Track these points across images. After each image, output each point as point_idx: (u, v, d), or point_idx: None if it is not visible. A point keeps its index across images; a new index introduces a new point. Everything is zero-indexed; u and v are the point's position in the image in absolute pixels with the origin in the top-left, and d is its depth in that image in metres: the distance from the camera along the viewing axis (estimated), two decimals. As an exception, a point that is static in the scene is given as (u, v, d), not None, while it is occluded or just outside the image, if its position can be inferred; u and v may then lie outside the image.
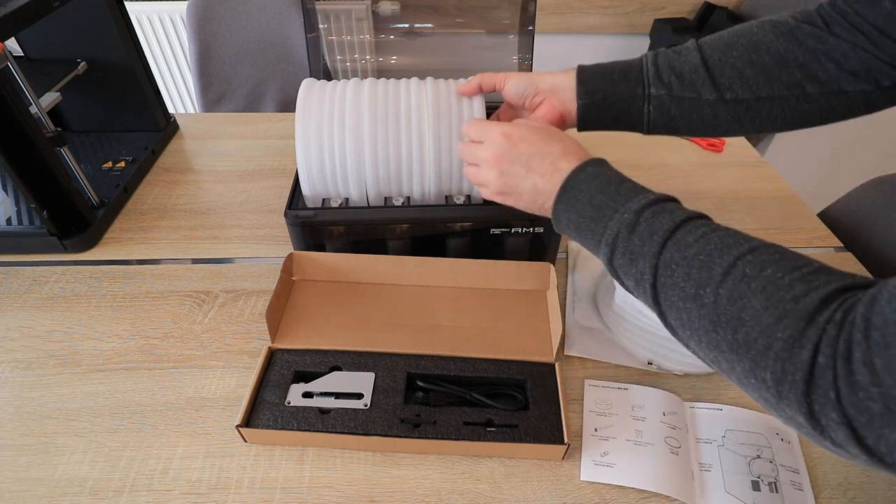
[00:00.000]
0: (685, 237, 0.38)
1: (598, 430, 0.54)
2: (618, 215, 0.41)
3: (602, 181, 0.44)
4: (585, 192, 0.44)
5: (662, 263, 0.38)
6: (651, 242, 0.39)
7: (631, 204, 0.41)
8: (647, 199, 0.41)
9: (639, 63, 0.54)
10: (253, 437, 0.52)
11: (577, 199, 0.45)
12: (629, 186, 0.44)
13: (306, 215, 0.62)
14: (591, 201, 0.44)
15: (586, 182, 0.45)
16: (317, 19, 0.77)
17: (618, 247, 0.41)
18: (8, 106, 0.62)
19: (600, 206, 0.43)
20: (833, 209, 0.86)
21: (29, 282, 0.70)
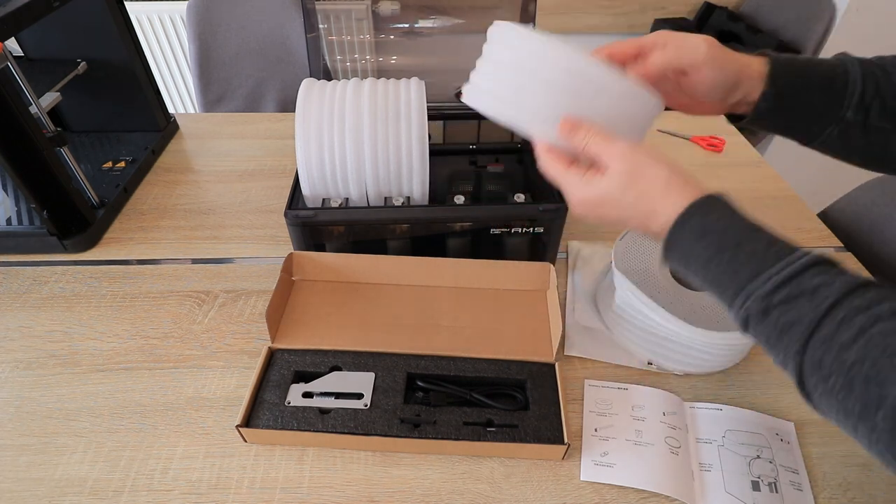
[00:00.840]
0: (836, 334, 0.31)
1: (598, 430, 0.54)
2: (740, 298, 0.35)
3: (712, 244, 0.37)
4: (696, 257, 0.38)
5: (810, 363, 0.32)
6: (791, 337, 0.33)
7: (755, 285, 0.34)
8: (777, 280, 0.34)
9: (844, 74, 0.44)
10: (253, 438, 0.52)
11: (690, 262, 0.39)
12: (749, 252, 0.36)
13: (306, 215, 0.62)
14: (706, 268, 0.37)
15: (694, 244, 0.38)
16: (317, 19, 0.77)
17: (749, 328, 0.36)
18: (8, 106, 0.62)
19: (716, 279, 0.37)
20: (833, 209, 0.86)
21: (29, 282, 0.70)
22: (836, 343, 0.31)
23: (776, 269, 0.34)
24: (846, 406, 0.30)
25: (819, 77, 0.45)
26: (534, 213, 0.63)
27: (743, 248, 0.36)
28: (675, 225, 0.38)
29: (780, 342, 0.34)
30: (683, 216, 0.38)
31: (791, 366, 0.33)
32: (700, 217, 0.38)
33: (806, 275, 0.33)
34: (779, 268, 0.34)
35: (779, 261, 0.35)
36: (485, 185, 0.80)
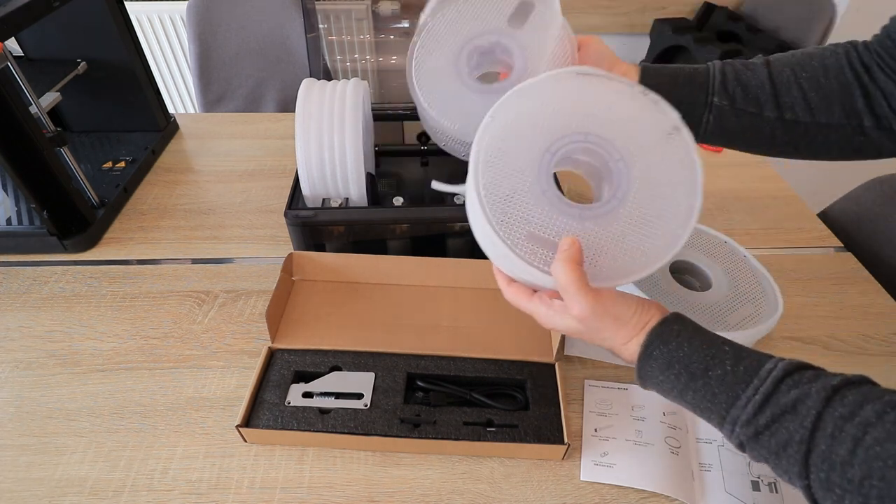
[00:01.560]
0: (833, 450, 0.30)
1: (598, 430, 0.54)
2: (727, 425, 0.35)
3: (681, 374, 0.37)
4: (670, 387, 0.38)
5: (818, 484, 0.31)
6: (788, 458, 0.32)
7: (736, 412, 0.35)
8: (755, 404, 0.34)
9: (705, 70, 0.52)
10: (253, 438, 0.52)
11: (666, 392, 0.39)
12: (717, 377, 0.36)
13: (306, 215, 0.62)
14: (682, 397, 0.38)
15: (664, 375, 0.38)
16: (317, 19, 0.77)
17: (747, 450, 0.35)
18: (8, 106, 0.62)
19: (697, 405, 0.37)
20: (833, 209, 0.86)
21: (29, 282, 0.70)
22: (837, 460, 0.30)
23: (751, 391, 0.34)
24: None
25: (683, 75, 0.51)
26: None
27: (713, 373, 0.36)
28: (641, 361, 0.39)
29: (780, 463, 0.33)
30: (645, 350, 0.39)
31: (800, 486, 0.32)
32: (661, 346, 0.38)
33: (781, 390, 0.34)
34: (753, 389, 0.34)
35: (750, 381, 0.35)
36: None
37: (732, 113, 0.51)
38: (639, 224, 0.40)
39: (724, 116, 0.51)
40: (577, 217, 0.40)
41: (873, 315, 0.67)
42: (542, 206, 0.40)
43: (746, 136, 0.52)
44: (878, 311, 0.67)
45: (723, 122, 0.51)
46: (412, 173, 0.83)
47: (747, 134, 0.52)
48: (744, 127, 0.51)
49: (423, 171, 0.82)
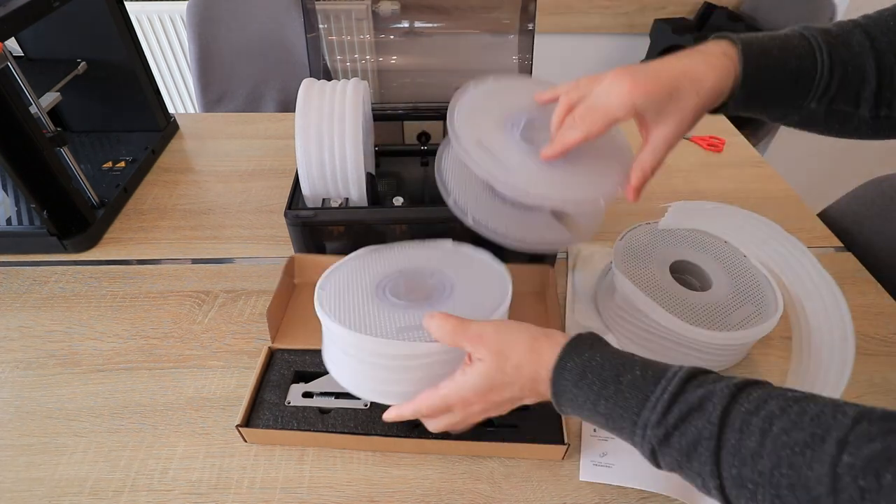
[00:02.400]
0: (742, 443, 0.30)
1: (597, 430, 0.54)
2: (638, 430, 0.35)
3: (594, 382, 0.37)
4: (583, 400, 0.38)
5: (731, 481, 0.31)
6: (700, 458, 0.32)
7: (647, 414, 0.34)
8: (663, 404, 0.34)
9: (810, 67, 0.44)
10: (253, 437, 0.52)
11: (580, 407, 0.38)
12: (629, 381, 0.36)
13: (306, 215, 0.62)
14: (595, 409, 0.37)
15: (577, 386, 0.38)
16: (317, 19, 0.77)
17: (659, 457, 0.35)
18: (8, 106, 0.62)
19: (609, 415, 0.37)
20: (833, 209, 0.86)
21: (29, 282, 0.70)
22: (747, 453, 0.30)
23: (658, 391, 0.34)
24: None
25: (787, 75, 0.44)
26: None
27: (623, 379, 0.36)
28: (555, 374, 0.38)
29: (691, 465, 0.33)
30: (559, 363, 0.38)
31: (713, 487, 0.32)
32: (575, 358, 0.38)
33: (688, 389, 0.34)
34: (660, 389, 0.34)
35: (658, 382, 0.35)
36: (485, 185, 0.79)
37: (825, 113, 0.45)
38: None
39: (814, 117, 0.46)
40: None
41: (873, 315, 0.67)
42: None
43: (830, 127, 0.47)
44: (878, 311, 0.67)
45: (809, 121, 0.46)
46: (412, 173, 0.83)
47: (832, 125, 0.46)
48: (829, 122, 0.46)
49: (423, 171, 0.82)
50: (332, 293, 0.50)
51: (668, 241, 0.66)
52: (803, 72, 0.44)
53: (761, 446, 0.29)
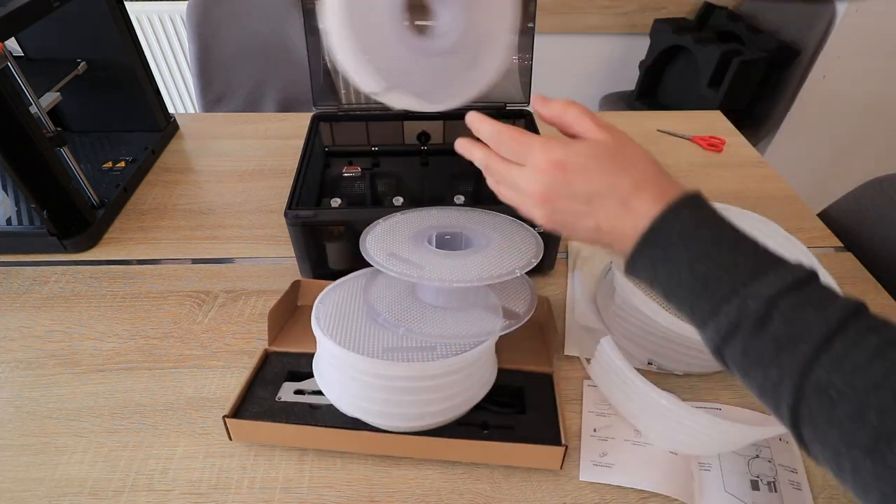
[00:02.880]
0: (850, 353, 0.27)
1: (597, 430, 0.54)
2: (737, 299, 0.30)
3: (707, 237, 0.32)
4: (681, 252, 0.33)
5: (813, 387, 0.28)
6: (794, 353, 0.28)
7: (758, 286, 0.30)
8: (784, 282, 0.30)
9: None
10: (239, 430, 0.51)
11: (669, 259, 0.33)
12: (748, 249, 0.32)
13: (306, 215, 0.62)
14: (691, 267, 0.32)
15: (682, 237, 0.33)
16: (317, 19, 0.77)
17: (734, 341, 0.31)
18: (8, 106, 0.62)
19: (706, 278, 0.32)
20: (833, 209, 0.86)
21: (29, 282, 0.70)
22: (848, 365, 0.27)
23: (782, 271, 0.30)
24: (854, 438, 0.26)
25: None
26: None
27: (742, 247, 0.32)
28: (669, 211, 0.33)
29: (778, 358, 0.29)
30: (678, 204, 0.33)
31: (788, 385, 0.29)
32: (693, 209, 0.33)
33: (812, 284, 0.30)
34: (784, 271, 0.30)
35: (781, 264, 0.31)
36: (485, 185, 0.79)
37: None
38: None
39: None
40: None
41: (873, 315, 0.67)
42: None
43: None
44: (877, 310, 0.66)
45: None
46: (412, 173, 0.83)
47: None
48: None
49: (423, 171, 0.82)
50: (330, 308, 0.51)
51: (667, 241, 0.66)
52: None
53: (870, 364, 0.26)
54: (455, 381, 0.48)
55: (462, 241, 0.57)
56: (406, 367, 0.45)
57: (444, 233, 0.56)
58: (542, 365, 0.57)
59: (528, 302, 0.53)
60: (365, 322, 0.50)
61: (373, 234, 0.55)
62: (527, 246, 0.53)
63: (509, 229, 0.57)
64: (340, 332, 0.48)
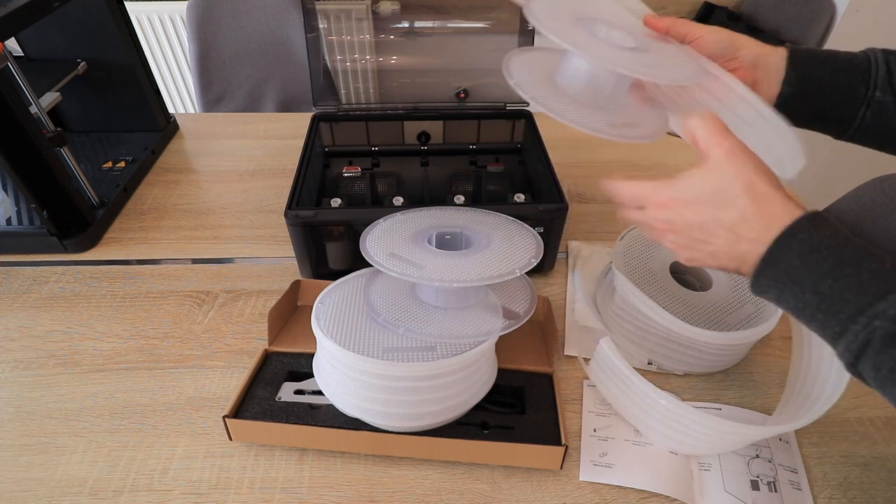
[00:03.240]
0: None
1: (597, 430, 0.54)
2: (863, 318, 0.31)
3: (827, 258, 0.33)
4: (803, 274, 0.34)
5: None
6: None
7: (884, 305, 0.31)
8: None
9: (865, 58, 0.45)
10: (239, 429, 0.51)
11: (793, 281, 0.34)
12: (872, 270, 0.32)
13: (306, 215, 0.62)
14: (815, 288, 0.33)
15: (802, 259, 0.34)
16: (317, 19, 0.77)
17: (865, 358, 0.32)
18: (8, 106, 0.62)
19: (832, 298, 0.33)
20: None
21: (29, 282, 0.70)
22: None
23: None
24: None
25: (840, 60, 0.45)
26: (534, 213, 0.63)
27: (865, 267, 0.32)
28: (783, 236, 0.34)
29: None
30: (792, 228, 0.34)
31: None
32: (811, 231, 0.34)
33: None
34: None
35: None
36: (485, 185, 0.80)
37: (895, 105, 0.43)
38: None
39: (885, 114, 0.44)
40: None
41: (873, 315, 0.67)
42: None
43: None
44: (877, 311, 0.67)
45: (882, 119, 0.45)
46: (412, 173, 0.83)
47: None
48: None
49: (423, 171, 0.82)
50: (330, 308, 0.51)
51: (667, 241, 0.66)
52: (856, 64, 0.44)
53: None
54: (455, 381, 0.48)
55: (462, 241, 0.57)
56: (406, 367, 0.45)
57: (444, 233, 0.56)
58: (542, 365, 0.57)
59: (528, 302, 0.53)
60: (365, 322, 0.50)
61: (373, 234, 0.56)
62: (527, 246, 0.53)
63: (509, 229, 0.57)
64: (340, 332, 0.48)
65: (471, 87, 0.83)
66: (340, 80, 0.82)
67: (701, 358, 0.57)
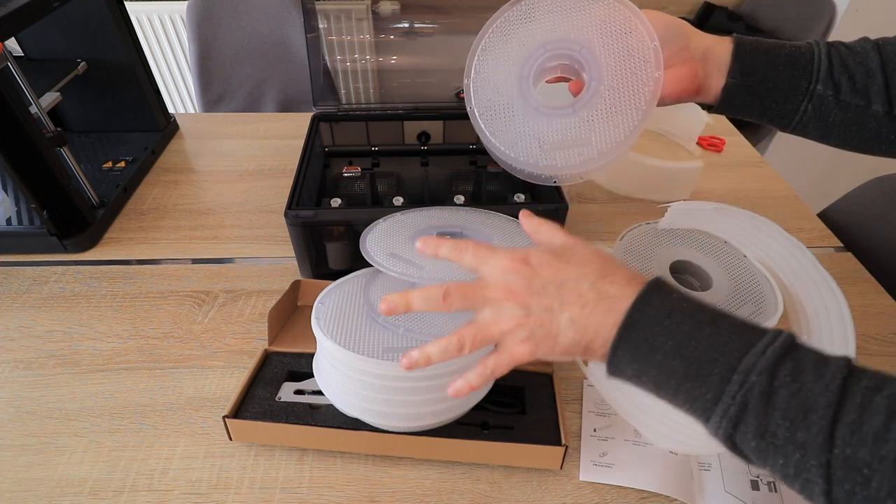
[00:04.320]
0: (864, 419, 0.26)
1: (597, 430, 0.54)
2: (737, 376, 0.29)
3: (685, 320, 0.32)
4: (665, 338, 0.32)
5: (840, 464, 0.26)
6: (810, 427, 0.27)
7: (752, 358, 0.29)
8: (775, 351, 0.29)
9: (808, 51, 0.45)
10: (239, 429, 0.51)
11: (654, 348, 0.32)
12: (730, 326, 0.32)
13: (306, 215, 0.62)
14: (679, 352, 0.31)
15: (660, 322, 0.32)
16: (317, 19, 0.77)
17: (745, 425, 0.29)
18: (8, 106, 0.62)
19: (699, 360, 0.31)
20: (833, 209, 0.86)
21: (29, 282, 0.70)
22: (869, 433, 0.26)
23: (768, 339, 0.30)
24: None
25: (784, 54, 0.46)
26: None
27: (721, 324, 0.32)
28: (637, 301, 0.33)
29: (794, 435, 0.28)
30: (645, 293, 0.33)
31: (815, 465, 0.27)
32: (662, 296, 0.33)
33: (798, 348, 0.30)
34: (770, 338, 0.30)
35: (764, 333, 0.31)
36: (485, 185, 0.80)
37: (835, 104, 0.45)
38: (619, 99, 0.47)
39: (826, 107, 0.45)
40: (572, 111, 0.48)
41: (873, 315, 0.67)
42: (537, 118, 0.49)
43: (848, 131, 0.46)
44: (878, 311, 0.67)
45: (823, 113, 0.46)
46: (412, 173, 0.83)
47: (850, 129, 0.46)
48: (846, 121, 0.45)
49: (423, 171, 0.82)
50: (330, 308, 0.51)
51: (668, 241, 0.66)
52: (799, 56, 0.45)
53: (887, 429, 0.26)
54: None
55: None
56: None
57: (444, 233, 0.56)
58: (542, 365, 0.57)
59: None
60: (365, 322, 0.50)
61: (373, 234, 0.56)
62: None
63: (509, 229, 0.57)
64: (340, 332, 0.48)
65: (471, 87, 0.83)
66: (340, 80, 0.82)
67: (701, 358, 0.57)
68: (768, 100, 0.47)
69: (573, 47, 0.49)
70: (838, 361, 0.29)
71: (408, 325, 0.48)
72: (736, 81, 0.46)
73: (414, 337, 0.48)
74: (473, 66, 0.52)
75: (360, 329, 0.49)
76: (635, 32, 0.47)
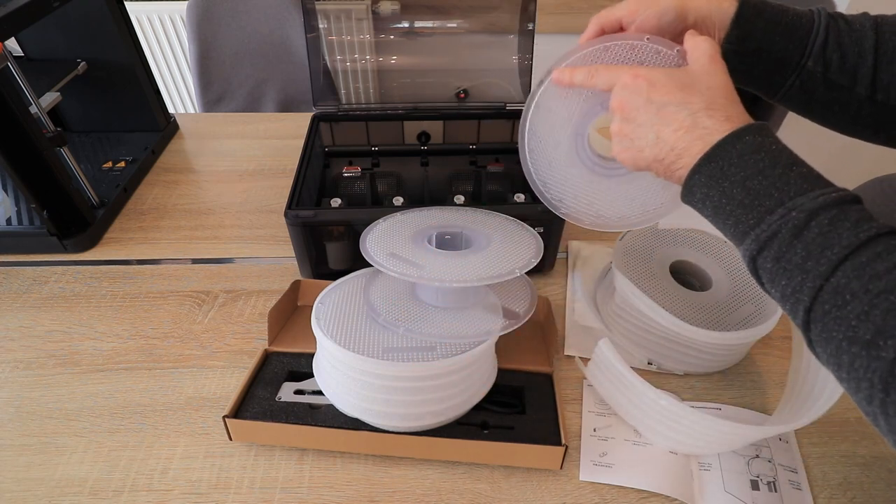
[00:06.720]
0: (872, 263, 0.29)
1: (597, 430, 0.54)
2: (782, 209, 0.33)
3: (765, 158, 0.35)
4: (739, 169, 0.35)
5: (831, 289, 0.30)
6: (821, 259, 0.31)
7: (803, 199, 0.33)
8: (827, 198, 0.32)
9: (809, 22, 0.45)
10: (239, 429, 0.51)
11: (726, 176, 0.36)
12: (802, 172, 0.34)
13: (306, 215, 0.62)
14: (744, 182, 0.35)
15: (743, 156, 0.35)
16: (317, 19, 0.77)
17: (770, 248, 0.33)
18: (8, 106, 0.62)
19: (757, 192, 0.34)
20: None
21: (29, 282, 0.70)
22: (868, 272, 0.29)
23: (830, 189, 0.33)
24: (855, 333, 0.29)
25: (785, 22, 0.45)
26: (534, 213, 0.63)
27: (795, 169, 0.34)
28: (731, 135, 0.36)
29: (803, 264, 0.31)
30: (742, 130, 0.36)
31: (808, 287, 0.31)
32: (757, 136, 0.36)
33: (854, 206, 0.32)
34: (832, 189, 0.33)
35: (830, 185, 0.34)
36: (485, 185, 0.80)
37: (822, 82, 0.45)
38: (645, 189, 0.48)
39: (812, 83, 0.45)
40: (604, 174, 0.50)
41: (873, 315, 0.67)
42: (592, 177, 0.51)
43: (829, 110, 0.46)
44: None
45: (807, 88, 0.46)
46: (412, 173, 0.83)
47: (832, 108, 0.46)
48: (830, 100, 0.46)
49: (423, 171, 0.82)
50: (330, 308, 0.51)
51: (668, 241, 0.66)
52: (798, 27, 0.45)
53: (888, 273, 0.29)
54: (455, 381, 0.48)
55: (462, 241, 0.57)
56: (406, 367, 0.45)
57: (444, 233, 0.56)
58: (542, 365, 0.57)
59: (528, 302, 0.53)
60: (365, 322, 0.50)
61: (373, 234, 0.56)
62: (527, 246, 0.53)
63: (509, 229, 0.57)
64: (340, 332, 0.48)
65: (471, 87, 0.83)
66: (340, 80, 0.82)
67: (701, 358, 0.57)
68: (758, 69, 0.47)
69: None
70: (884, 226, 0.31)
71: (408, 325, 0.48)
72: (732, 47, 0.46)
73: (414, 337, 0.48)
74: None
75: (360, 329, 0.49)
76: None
